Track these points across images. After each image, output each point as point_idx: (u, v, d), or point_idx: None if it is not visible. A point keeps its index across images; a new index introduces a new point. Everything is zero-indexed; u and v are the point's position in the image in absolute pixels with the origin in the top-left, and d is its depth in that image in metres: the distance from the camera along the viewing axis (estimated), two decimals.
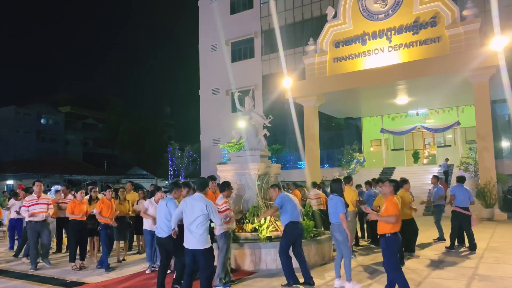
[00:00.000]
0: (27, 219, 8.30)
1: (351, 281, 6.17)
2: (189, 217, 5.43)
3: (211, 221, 5.79)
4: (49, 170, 39.07)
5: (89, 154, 60.58)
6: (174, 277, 6.27)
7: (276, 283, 6.62)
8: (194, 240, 5.37)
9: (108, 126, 59.14)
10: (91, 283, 7.11)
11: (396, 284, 5.49)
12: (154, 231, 7.35)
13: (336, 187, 6.48)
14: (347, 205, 6.53)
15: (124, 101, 65.34)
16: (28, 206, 8.27)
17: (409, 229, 8.10)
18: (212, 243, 5.65)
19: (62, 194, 10.05)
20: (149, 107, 69.64)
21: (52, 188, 12.59)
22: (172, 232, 5.88)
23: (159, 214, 6.27)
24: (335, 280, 6.37)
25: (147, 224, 7.72)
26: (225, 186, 6.86)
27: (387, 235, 5.52)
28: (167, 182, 39.06)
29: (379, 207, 8.52)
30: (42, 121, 58.27)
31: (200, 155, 33.23)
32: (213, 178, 8.05)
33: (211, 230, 7.82)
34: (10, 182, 39.24)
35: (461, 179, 9.69)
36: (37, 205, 8.29)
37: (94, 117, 64.76)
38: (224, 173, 9.45)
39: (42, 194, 8.55)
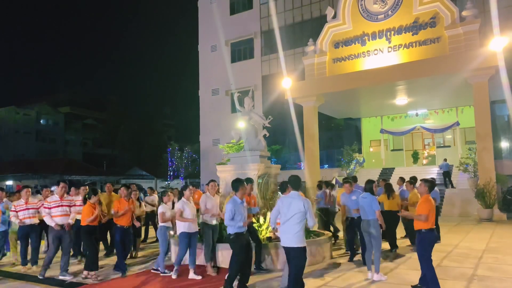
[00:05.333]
0: (49, 222, 7.59)
1: (379, 273, 6.75)
2: (286, 215, 5.47)
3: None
4: (48, 171, 39.02)
5: (88, 154, 60.61)
6: (226, 276, 6.22)
7: (276, 283, 6.65)
8: (289, 238, 5.41)
9: (107, 127, 59.16)
10: (90, 283, 7.12)
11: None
12: (192, 232, 7.31)
13: (369, 187, 7.17)
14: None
15: (124, 102, 65.42)
16: (50, 208, 7.64)
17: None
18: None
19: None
20: (149, 107, 69.57)
21: (52, 188, 12.40)
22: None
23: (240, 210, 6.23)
24: (368, 273, 6.89)
25: (183, 227, 7.29)
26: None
27: (422, 231, 5.85)
28: (166, 182, 39.08)
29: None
30: (41, 121, 58.31)
31: (199, 155, 33.25)
32: (249, 180, 7.90)
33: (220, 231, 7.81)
34: (9, 182, 39.25)
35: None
36: (59, 208, 7.68)
37: (94, 118, 64.76)
38: (224, 174, 9.46)
39: (65, 196, 7.92)
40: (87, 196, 7.79)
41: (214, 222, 7.63)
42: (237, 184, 6.43)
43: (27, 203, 8.39)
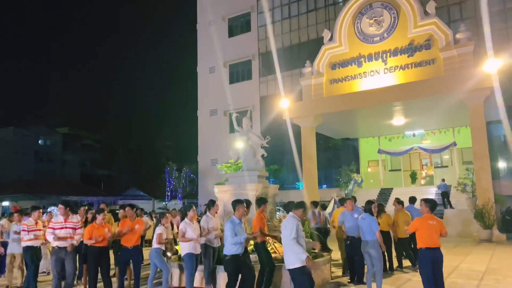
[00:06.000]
0: (54, 243, 7.25)
1: None
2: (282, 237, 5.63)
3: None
4: (46, 191, 38.79)
5: (86, 175, 60.37)
6: None
7: None
8: (285, 259, 5.45)
9: (106, 147, 59.18)
10: None
11: None
12: (197, 254, 7.14)
13: (368, 207, 7.32)
14: None
15: (122, 122, 65.47)
16: (54, 229, 7.22)
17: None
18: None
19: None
20: (147, 128, 69.65)
21: (48, 209, 12.32)
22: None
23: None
24: None
25: (188, 248, 7.12)
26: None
27: (421, 249, 5.99)
28: (164, 203, 38.86)
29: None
30: (40, 142, 58.30)
31: (197, 175, 33.18)
32: (262, 201, 7.87)
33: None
34: (5, 203, 38.93)
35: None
36: (63, 229, 7.27)
37: (92, 138, 64.79)
38: (222, 194, 9.44)
39: (70, 216, 7.48)
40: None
41: (215, 243, 7.50)
42: (235, 204, 6.43)
43: (37, 224, 8.21)
